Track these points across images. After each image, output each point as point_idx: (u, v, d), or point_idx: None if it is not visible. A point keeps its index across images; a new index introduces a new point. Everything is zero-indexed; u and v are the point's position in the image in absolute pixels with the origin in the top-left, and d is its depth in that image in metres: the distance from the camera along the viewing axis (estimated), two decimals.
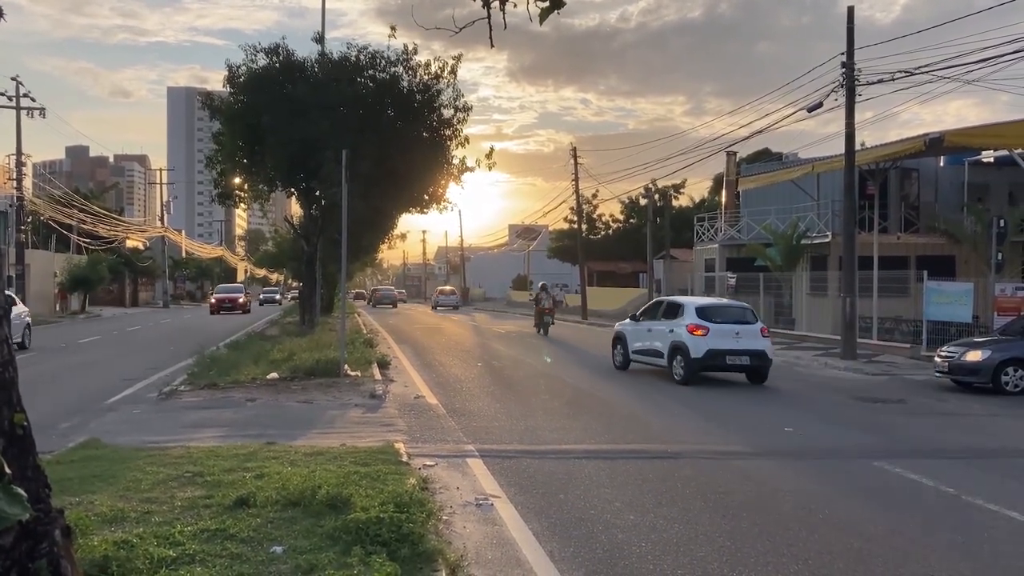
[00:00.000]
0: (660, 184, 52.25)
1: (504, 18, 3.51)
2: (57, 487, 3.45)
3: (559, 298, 56.59)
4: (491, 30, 3.34)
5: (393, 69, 24.06)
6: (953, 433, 12.48)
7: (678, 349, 17.24)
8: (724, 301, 22.27)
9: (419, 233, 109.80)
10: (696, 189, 64.85)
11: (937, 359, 17.46)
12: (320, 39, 25.36)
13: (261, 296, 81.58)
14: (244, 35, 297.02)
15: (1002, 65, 19.53)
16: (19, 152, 44.43)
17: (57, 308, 50.26)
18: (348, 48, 24.53)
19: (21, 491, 2.55)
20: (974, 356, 16.48)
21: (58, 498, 3.27)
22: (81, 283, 50.73)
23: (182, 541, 5.59)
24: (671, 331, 17.59)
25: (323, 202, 25.67)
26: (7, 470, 2.54)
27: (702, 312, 17.51)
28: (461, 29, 3.57)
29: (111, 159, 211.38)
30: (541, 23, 3.31)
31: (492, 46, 3.44)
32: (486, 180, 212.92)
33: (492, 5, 3.35)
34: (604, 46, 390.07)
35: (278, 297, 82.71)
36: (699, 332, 17.00)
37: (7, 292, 3.02)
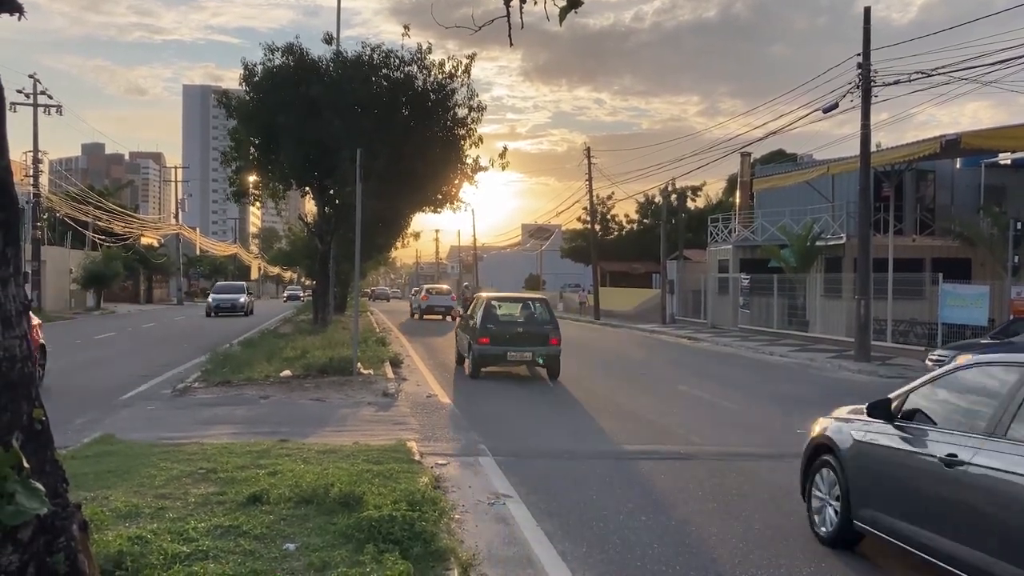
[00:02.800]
0: (678, 185, 52.11)
1: (522, 17, 3.51)
2: (72, 482, 3.48)
3: (582, 298, 55.36)
4: (510, 29, 3.34)
5: (407, 68, 24.07)
6: None
7: (419, 305, 46.22)
8: (438, 287, 50.77)
9: (432, 232, 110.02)
10: (710, 190, 64.46)
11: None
12: (334, 39, 25.41)
13: (212, 299, 47.49)
14: (259, 34, 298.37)
15: (1019, 67, 19.42)
16: (36, 149, 44.77)
17: (72, 304, 50.60)
18: (362, 47, 24.59)
19: (39, 486, 2.57)
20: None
21: (73, 493, 3.29)
22: (96, 279, 51.06)
23: (196, 537, 5.62)
24: (418, 297, 47.78)
25: (337, 201, 25.73)
26: (26, 465, 2.56)
27: (428, 291, 47.56)
28: (480, 28, 3.57)
29: (126, 156, 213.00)
30: (561, 23, 3.30)
31: (511, 45, 3.44)
32: (499, 179, 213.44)
33: (511, 4, 3.34)
34: (618, 46, 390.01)
35: (244, 300, 47.72)
36: (423, 297, 46.24)
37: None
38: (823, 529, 6.61)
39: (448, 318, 42.65)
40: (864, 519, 6.08)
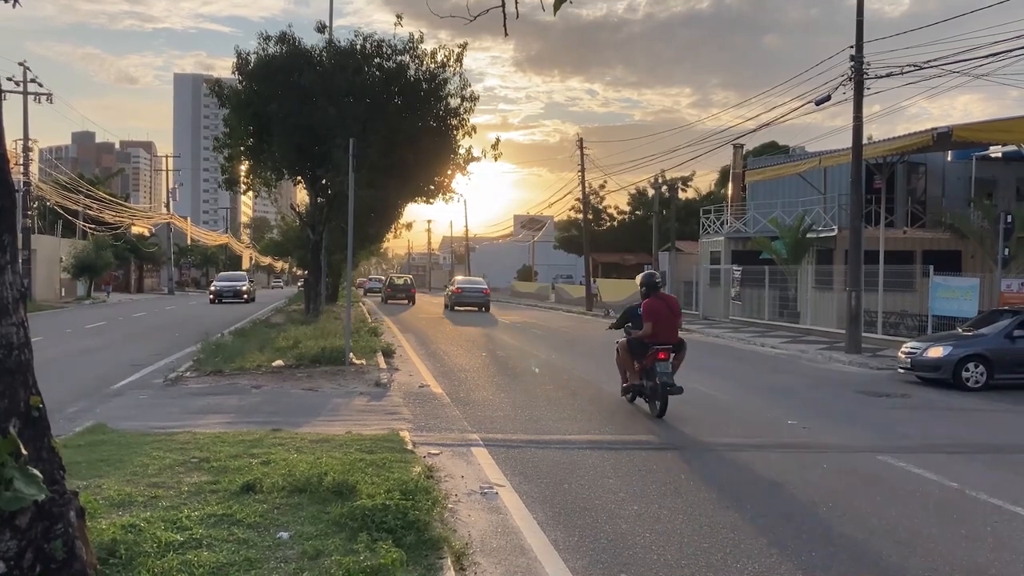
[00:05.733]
0: (668, 176, 52.11)
1: (517, 7, 3.51)
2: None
3: (595, 291, 50.05)
4: (505, 19, 3.35)
5: (400, 58, 24.02)
6: (957, 428, 12.48)
7: (364, 287, 79.39)
8: (376, 277, 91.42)
9: (424, 223, 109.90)
10: (702, 181, 64.79)
11: (900, 355, 17.58)
12: (326, 27, 25.31)
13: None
14: (250, 22, 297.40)
15: (1011, 60, 19.49)
16: (26, 137, 44.54)
17: (63, 293, 50.38)
18: (355, 37, 24.52)
19: (37, 472, 2.58)
20: (935, 352, 16.58)
21: (66, 481, 3.30)
22: (87, 269, 50.86)
23: (189, 526, 5.63)
24: (363, 283, 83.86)
25: (329, 190, 25.67)
26: (24, 451, 2.56)
27: (369, 279, 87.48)
28: (475, 17, 3.57)
29: (117, 145, 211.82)
30: (555, 12, 3.30)
31: (506, 35, 3.44)
32: (492, 170, 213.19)
33: None
34: (611, 36, 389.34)
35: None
36: (366, 282, 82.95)
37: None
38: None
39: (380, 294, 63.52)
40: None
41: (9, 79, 43.39)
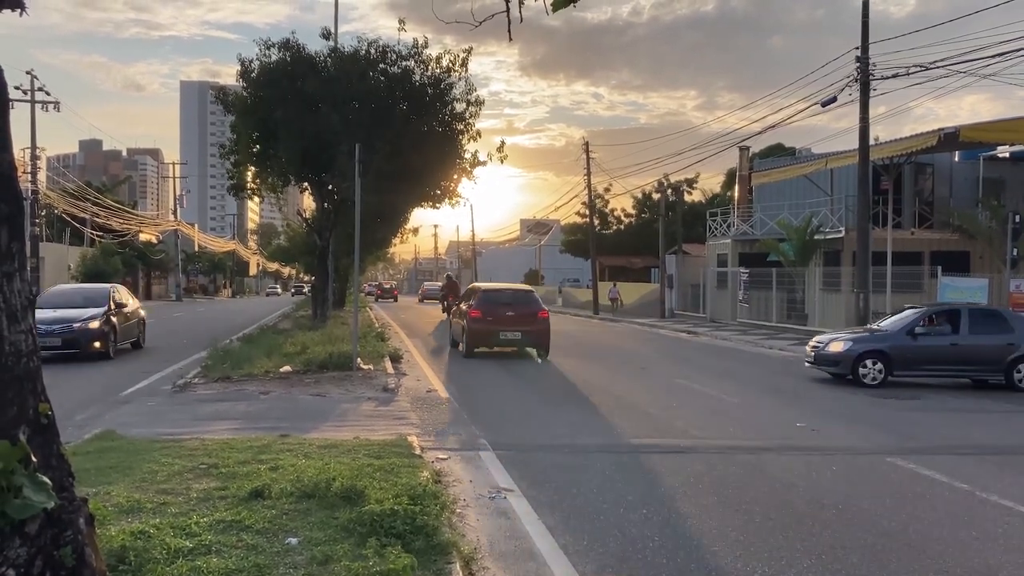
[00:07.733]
0: (673, 179, 51.99)
1: (521, 12, 3.52)
2: None
3: (613, 295, 49.75)
4: (510, 24, 3.35)
5: (404, 63, 24.02)
6: (968, 429, 12.43)
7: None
8: (369, 282, 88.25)
9: (431, 227, 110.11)
10: (709, 184, 64.66)
11: (808, 348, 17.71)
12: (331, 34, 25.33)
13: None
14: (256, 29, 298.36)
15: (1017, 60, 19.46)
16: (34, 146, 44.75)
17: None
18: (359, 42, 24.53)
19: (46, 479, 2.58)
20: (836, 347, 16.79)
21: (75, 488, 3.30)
22: (95, 276, 51.02)
23: (198, 532, 5.63)
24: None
25: (336, 196, 25.69)
26: (33, 458, 2.57)
27: (368, 284, 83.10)
28: (481, 23, 3.57)
29: (124, 153, 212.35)
30: (553, 11, 3.29)
31: (510, 40, 3.44)
32: (498, 174, 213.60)
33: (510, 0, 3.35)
34: (616, 40, 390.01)
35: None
36: (366, 287, 74.25)
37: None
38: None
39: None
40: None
41: (17, 87, 43.54)
